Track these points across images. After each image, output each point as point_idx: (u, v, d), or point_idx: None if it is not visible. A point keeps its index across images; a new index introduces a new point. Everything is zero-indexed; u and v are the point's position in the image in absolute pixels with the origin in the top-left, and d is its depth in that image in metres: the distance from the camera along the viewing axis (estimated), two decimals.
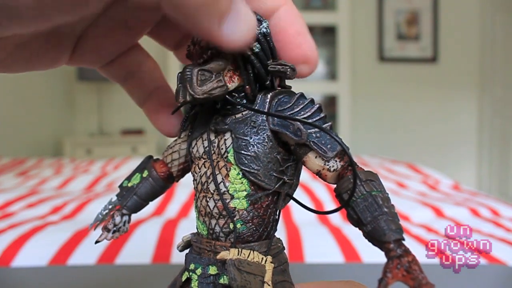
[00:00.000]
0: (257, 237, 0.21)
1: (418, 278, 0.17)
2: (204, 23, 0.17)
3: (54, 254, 0.46)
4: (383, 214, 0.18)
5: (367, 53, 2.74)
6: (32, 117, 2.26)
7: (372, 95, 2.74)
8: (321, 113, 0.20)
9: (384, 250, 0.18)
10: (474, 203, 0.73)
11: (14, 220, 0.60)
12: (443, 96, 2.74)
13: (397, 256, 0.17)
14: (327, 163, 0.20)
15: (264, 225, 0.21)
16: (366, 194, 0.19)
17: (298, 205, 0.23)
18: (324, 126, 0.20)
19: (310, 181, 0.90)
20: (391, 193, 0.95)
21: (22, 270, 0.42)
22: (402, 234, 0.18)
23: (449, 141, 2.76)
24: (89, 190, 0.88)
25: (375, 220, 0.18)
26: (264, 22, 0.20)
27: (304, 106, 0.20)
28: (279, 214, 0.22)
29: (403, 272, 0.17)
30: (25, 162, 1.38)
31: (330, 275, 0.39)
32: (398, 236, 0.18)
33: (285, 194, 0.22)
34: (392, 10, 2.73)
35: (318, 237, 0.53)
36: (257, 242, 0.21)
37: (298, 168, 0.22)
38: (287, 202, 0.23)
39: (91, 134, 2.67)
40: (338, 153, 0.20)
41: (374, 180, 0.19)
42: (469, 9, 2.75)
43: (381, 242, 0.18)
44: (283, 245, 0.23)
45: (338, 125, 2.60)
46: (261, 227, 0.21)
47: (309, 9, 2.64)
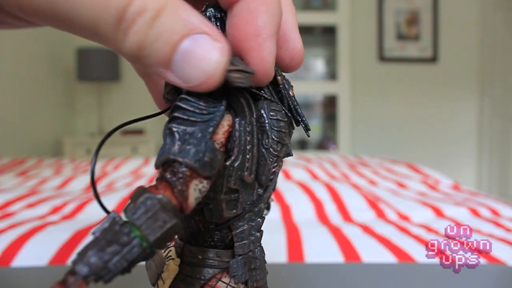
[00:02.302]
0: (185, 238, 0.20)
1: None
2: (153, 71, 0.17)
3: (54, 254, 0.46)
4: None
5: (367, 53, 2.74)
6: (32, 117, 2.25)
7: (372, 95, 2.74)
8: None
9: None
10: (474, 203, 0.74)
11: (14, 220, 0.60)
12: (443, 96, 2.74)
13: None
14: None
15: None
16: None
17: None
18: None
19: (310, 181, 0.90)
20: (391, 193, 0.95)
21: (22, 270, 0.42)
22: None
23: (449, 141, 2.77)
24: (89, 190, 0.88)
25: None
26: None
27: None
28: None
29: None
30: (25, 162, 1.38)
31: (330, 275, 0.39)
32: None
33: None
34: (392, 10, 2.73)
35: (318, 237, 0.53)
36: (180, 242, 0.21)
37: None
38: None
39: (91, 134, 2.67)
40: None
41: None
42: (469, 9, 2.75)
43: None
44: (220, 265, 0.20)
45: (338, 125, 2.60)
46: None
47: (309, 9, 2.64)
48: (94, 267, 0.14)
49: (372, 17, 2.73)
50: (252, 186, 0.19)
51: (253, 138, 0.18)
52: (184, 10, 0.16)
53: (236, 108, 0.18)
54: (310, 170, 1.08)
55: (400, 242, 0.51)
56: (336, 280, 0.38)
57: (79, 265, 0.14)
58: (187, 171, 0.16)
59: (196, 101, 0.17)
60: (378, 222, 0.63)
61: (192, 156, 0.16)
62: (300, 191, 0.79)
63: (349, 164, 1.29)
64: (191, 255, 0.20)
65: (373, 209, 0.70)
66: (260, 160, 0.19)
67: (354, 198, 0.75)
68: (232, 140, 0.18)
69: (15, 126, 2.07)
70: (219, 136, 0.17)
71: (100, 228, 0.15)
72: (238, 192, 0.19)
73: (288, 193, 0.77)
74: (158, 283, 0.20)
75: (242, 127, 0.18)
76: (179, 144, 0.16)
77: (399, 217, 0.67)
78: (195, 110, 0.17)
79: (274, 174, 0.20)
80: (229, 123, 0.18)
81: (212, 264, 0.19)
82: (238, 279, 0.19)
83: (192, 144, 0.16)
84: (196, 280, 0.19)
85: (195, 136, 0.16)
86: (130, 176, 1.06)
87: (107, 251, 0.14)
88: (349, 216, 0.67)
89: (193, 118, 0.17)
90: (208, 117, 0.17)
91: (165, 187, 0.16)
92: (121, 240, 0.14)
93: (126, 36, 0.15)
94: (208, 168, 0.16)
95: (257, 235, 0.20)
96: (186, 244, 0.20)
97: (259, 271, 0.20)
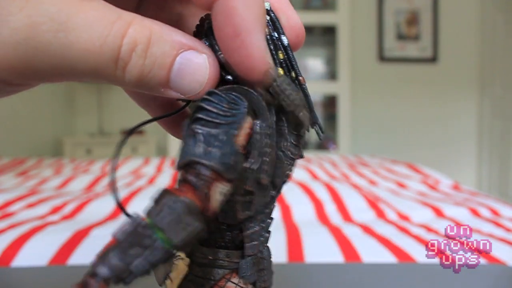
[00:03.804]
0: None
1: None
2: (155, 92, 0.18)
3: (54, 254, 0.46)
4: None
5: (367, 53, 2.74)
6: (32, 117, 2.25)
7: (372, 95, 2.74)
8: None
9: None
10: (474, 203, 0.73)
11: (14, 220, 0.60)
12: (443, 96, 2.74)
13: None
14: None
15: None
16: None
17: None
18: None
19: (310, 181, 0.90)
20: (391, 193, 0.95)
21: (22, 270, 0.42)
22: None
23: (449, 141, 2.77)
24: (89, 190, 0.88)
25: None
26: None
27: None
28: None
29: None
30: (25, 162, 1.38)
31: (330, 275, 0.39)
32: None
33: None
34: (392, 10, 2.73)
35: (318, 237, 0.53)
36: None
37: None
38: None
39: (91, 134, 2.67)
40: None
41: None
42: (469, 9, 2.75)
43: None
44: (230, 265, 0.20)
45: (338, 125, 2.60)
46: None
47: (309, 9, 2.64)
48: (115, 269, 0.14)
49: (372, 17, 2.73)
50: (266, 188, 0.19)
51: (272, 141, 0.18)
52: (167, 32, 0.17)
53: (258, 111, 0.18)
54: (310, 170, 1.08)
55: (400, 242, 0.51)
56: (336, 280, 0.38)
57: (100, 267, 0.14)
58: (211, 174, 0.16)
59: (219, 103, 0.17)
60: (378, 222, 0.63)
61: (218, 159, 0.16)
62: (300, 191, 0.79)
63: (349, 164, 1.29)
64: (201, 255, 0.20)
65: (373, 209, 0.70)
66: (277, 163, 0.19)
67: (354, 198, 0.75)
68: (252, 143, 0.18)
69: (15, 126, 2.07)
70: (241, 138, 0.17)
71: (122, 230, 0.15)
72: (253, 194, 0.19)
73: (288, 193, 0.77)
74: (166, 282, 0.20)
75: (263, 130, 0.18)
76: (204, 147, 0.16)
77: (399, 217, 0.67)
78: (218, 112, 0.17)
79: (288, 177, 0.20)
80: (250, 125, 0.18)
81: (222, 264, 0.19)
82: (247, 279, 0.19)
83: (217, 147, 0.16)
84: (206, 280, 0.19)
85: (219, 138, 0.16)
86: (130, 176, 1.06)
87: (129, 253, 0.14)
88: (349, 216, 0.67)
89: (217, 120, 0.17)
90: (231, 120, 0.17)
91: (189, 190, 0.16)
92: (144, 242, 0.14)
93: (124, 72, 0.17)
94: (232, 171, 0.16)
95: (266, 236, 0.20)
96: (195, 244, 0.20)
97: (266, 271, 0.20)
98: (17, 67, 0.16)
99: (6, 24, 0.15)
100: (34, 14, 0.15)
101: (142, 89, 0.18)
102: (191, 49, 0.17)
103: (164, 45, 0.17)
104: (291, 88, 0.18)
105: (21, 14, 0.15)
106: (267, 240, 0.21)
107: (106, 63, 0.16)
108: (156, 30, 0.17)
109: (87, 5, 0.16)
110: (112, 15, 0.16)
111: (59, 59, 0.16)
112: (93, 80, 0.17)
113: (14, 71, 0.16)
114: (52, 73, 0.16)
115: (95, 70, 0.16)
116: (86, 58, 0.16)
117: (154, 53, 0.17)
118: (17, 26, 0.15)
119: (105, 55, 0.16)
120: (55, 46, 0.15)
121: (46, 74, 0.17)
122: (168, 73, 0.17)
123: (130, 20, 0.17)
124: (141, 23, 0.17)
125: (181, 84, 0.17)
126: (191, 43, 0.18)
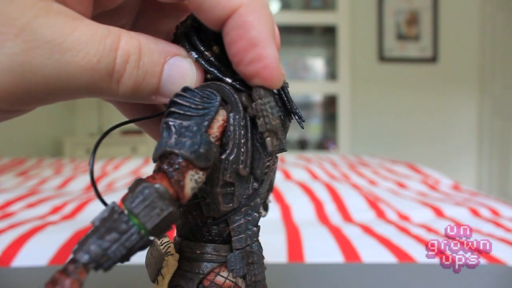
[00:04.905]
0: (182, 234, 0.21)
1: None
2: (146, 101, 0.19)
3: (54, 254, 0.46)
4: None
5: (367, 53, 2.74)
6: (32, 117, 2.25)
7: (372, 95, 2.74)
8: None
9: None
10: (474, 203, 0.73)
11: (14, 220, 0.60)
12: (443, 96, 2.74)
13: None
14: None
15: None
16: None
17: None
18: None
19: (310, 181, 0.90)
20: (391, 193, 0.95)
21: (22, 270, 0.42)
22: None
23: (449, 141, 2.77)
24: (89, 190, 0.88)
25: None
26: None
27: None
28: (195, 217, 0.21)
29: None
30: (25, 162, 1.38)
31: (330, 275, 0.39)
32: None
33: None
34: (392, 10, 2.73)
35: (318, 237, 0.53)
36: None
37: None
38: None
39: (91, 134, 2.67)
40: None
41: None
42: (469, 9, 2.75)
43: None
44: (218, 259, 0.20)
45: (338, 125, 2.60)
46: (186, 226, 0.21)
47: (309, 9, 2.64)
48: (94, 255, 0.14)
49: (372, 17, 2.73)
50: (247, 180, 0.20)
51: (247, 132, 0.19)
52: (153, 41, 0.18)
53: (230, 103, 0.19)
54: (310, 170, 1.08)
55: (400, 242, 0.51)
56: (336, 280, 0.38)
57: (79, 253, 0.14)
58: (183, 162, 0.16)
59: (192, 97, 0.18)
60: (378, 222, 0.63)
61: (188, 147, 0.16)
62: (300, 191, 0.79)
63: (349, 164, 1.29)
64: (189, 250, 0.20)
65: (373, 209, 0.70)
66: (255, 154, 0.19)
67: (354, 198, 0.75)
68: (227, 135, 0.18)
69: (15, 126, 2.07)
70: (214, 130, 0.18)
71: (99, 217, 0.15)
72: (234, 185, 0.19)
73: (288, 193, 0.77)
74: (158, 279, 0.20)
75: (237, 122, 0.18)
76: (175, 137, 0.17)
77: (399, 217, 0.67)
78: (190, 105, 0.17)
79: (269, 169, 0.20)
80: (224, 117, 0.18)
81: (210, 258, 0.20)
82: (236, 272, 0.20)
83: (188, 136, 0.17)
84: (195, 274, 0.20)
85: (190, 129, 0.17)
86: (130, 176, 1.06)
87: (106, 238, 0.15)
88: (349, 216, 0.67)
89: (189, 112, 0.17)
90: (203, 112, 0.17)
91: (162, 177, 0.16)
92: (120, 228, 0.15)
93: (119, 84, 0.17)
94: (203, 159, 0.17)
95: (254, 230, 0.21)
96: (184, 239, 0.21)
97: (257, 265, 0.21)
98: (13, 93, 0.16)
99: (2, 50, 0.15)
100: (29, 39, 0.16)
101: (135, 99, 0.18)
102: (176, 55, 0.19)
103: (153, 55, 0.18)
104: (272, 112, 0.18)
105: (18, 39, 0.15)
106: (256, 234, 0.21)
107: (101, 78, 0.17)
108: (143, 40, 0.18)
109: (79, 24, 0.16)
110: (104, 30, 0.17)
111: (54, 80, 0.16)
112: (86, 96, 0.18)
113: (9, 97, 0.16)
114: (47, 95, 0.17)
115: (90, 86, 0.17)
116: (81, 75, 0.16)
117: (146, 63, 0.18)
118: (13, 51, 0.15)
119: (101, 70, 0.17)
120: (51, 68, 0.16)
121: (41, 97, 0.17)
122: (159, 80, 0.18)
123: (119, 33, 0.17)
124: (128, 35, 0.17)
125: (172, 90, 0.18)
126: (176, 50, 0.19)
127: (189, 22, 0.20)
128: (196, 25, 0.20)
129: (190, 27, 0.20)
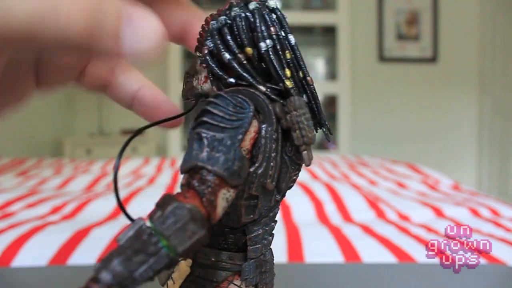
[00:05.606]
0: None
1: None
2: (99, 49, 0.16)
3: (54, 254, 0.46)
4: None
5: (367, 53, 2.74)
6: (32, 117, 2.25)
7: (372, 95, 2.74)
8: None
9: None
10: (474, 203, 0.73)
11: (14, 220, 0.60)
12: (443, 96, 2.74)
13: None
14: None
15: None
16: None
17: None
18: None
19: (310, 181, 0.90)
20: (391, 193, 0.94)
21: (22, 270, 0.42)
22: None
23: (449, 141, 2.76)
24: (89, 190, 0.88)
25: None
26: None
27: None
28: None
29: None
30: (25, 162, 1.38)
31: (330, 275, 0.39)
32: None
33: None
34: (392, 10, 2.72)
35: (318, 237, 0.53)
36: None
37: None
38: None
39: (91, 134, 2.67)
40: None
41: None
42: (469, 9, 2.75)
43: None
44: (232, 267, 0.20)
45: (338, 125, 2.60)
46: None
47: (309, 9, 2.64)
48: (119, 276, 0.14)
49: (372, 17, 2.73)
50: (271, 193, 0.19)
51: (277, 146, 0.18)
52: None
53: (263, 114, 0.18)
54: (310, 170, 1.08)
55: (400, 242, 0.51)
56: (336, 280, 0.38)
57: (103, 273, 0.14)
58: (215, 179, 0.16)
59: (225, 106, 0.17)
60: (378, 222, 0.63)
61: (221, 164, 0.16)
62: (300, 191, 0.79)
63: (349, 164, 1.29)
64: (204, 256, 0.20)
65: (373, 209, 0.70)
66: (282, 168, 0.19)
67: (354, 198, 0.75)
68: (257, 147, 0.17)
69: (15, 126, 2.07)
70: (246, 143, 0.17)
71: (126, 236, 0.14)
72: (258, 198, 0.18)
73: (288, 193, 0.76)
74: (168, 283, 0.20)
75: (269, 134, 0.17)
76: (208, 151, 0.16)
77: (399, 217, 0.67)
78: (224, 115, 0.16)
79: (294, 182, 0.20)
80: (256, 129, 0.17)
81: (225, 266, 0.19)
82: (250, 282, 0.19)
83: (221, 151, 0.16)
84: (208, 282, 0.19)
85: (224, 143, 0.16)
86: (130, 176, 1.06)
87: (133, 260, 0.14)
88: (349, 216, 0.67)
89: (222, 124, 0.16)
90: (237, 124, 0.16)
91: (194, 196, 0.15)
92: (149, 250, 0.14)
93: (69, 21, 0.15)
94: (236, 177, 0.16)
95: (269, 239, 0.20)
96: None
97: (268, 274, 0.20)
98: None
99: None
100: None
101: (90, 50, 0.16)
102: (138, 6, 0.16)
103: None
104: (308, 124, 0.18)
105: None
106: (270, 243, 0.20)
107: (46, 14, 0.14)
108: None
109: None
110: None
111: None
112: (33, 44, 0.15)
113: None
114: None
115: (32, 26, 0.14)
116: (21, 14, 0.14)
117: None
118: None
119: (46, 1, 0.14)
120: None
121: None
122: (118, 24, 0.15)
123: None
124: None
125: (133, 39, 0.16)
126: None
127: (223, 19, 0.18)
128: (230, 22, 0.18)
129: (224, 24, 0.18)
